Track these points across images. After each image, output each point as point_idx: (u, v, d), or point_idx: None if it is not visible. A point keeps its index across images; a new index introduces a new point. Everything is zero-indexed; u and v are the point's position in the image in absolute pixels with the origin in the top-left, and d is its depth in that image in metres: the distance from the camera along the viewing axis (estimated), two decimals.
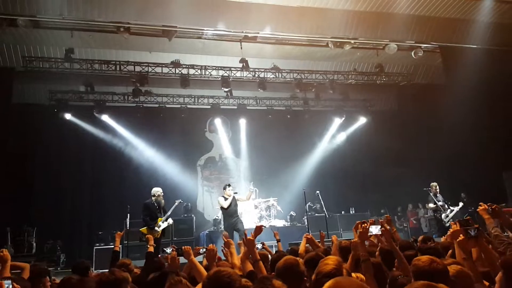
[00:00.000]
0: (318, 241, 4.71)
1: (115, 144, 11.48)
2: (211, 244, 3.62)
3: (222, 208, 8.21)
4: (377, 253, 3.51)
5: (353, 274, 2.41)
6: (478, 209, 3.39)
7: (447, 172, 10.66)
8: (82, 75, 10.54)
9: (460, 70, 10.21)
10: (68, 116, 11.07)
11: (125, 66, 10.45)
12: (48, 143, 10.79)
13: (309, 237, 4.51)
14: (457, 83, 10.11)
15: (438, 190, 8.70)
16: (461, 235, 2.85)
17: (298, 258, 2.59)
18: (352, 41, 10.24)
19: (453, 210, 8.49)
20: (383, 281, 2.59)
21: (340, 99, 12.96)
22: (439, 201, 8.53)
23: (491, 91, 9.49)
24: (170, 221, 7.82)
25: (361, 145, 12.92)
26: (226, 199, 8.15)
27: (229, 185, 8.40)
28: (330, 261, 2.12)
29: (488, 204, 3.36)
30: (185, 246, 3.56)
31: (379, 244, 4.13)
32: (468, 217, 3.23)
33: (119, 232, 5.01)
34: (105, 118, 11.35)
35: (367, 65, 12.15)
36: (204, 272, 3.03)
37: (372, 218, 4.96)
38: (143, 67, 10.50)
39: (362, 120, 13.16)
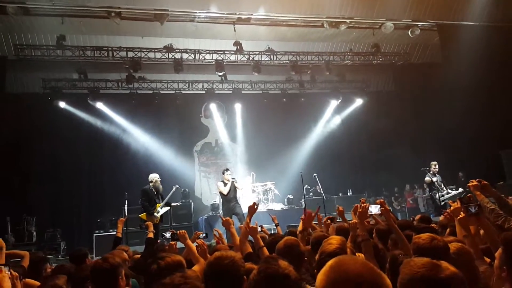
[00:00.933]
0: (316, 223, 4.74)
1: (111, 131, 11.46)
2: (200, 240, 3.61)
3: (221, 193, 8.25)
4: (373, 233, 3.53)
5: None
6: (468, 184, 3.38)
7: (445, 151, 10.60)
8: (74, 62, 10.42)
9: (458, 48, 10.05)
10: (62, 104, 11.01)
11: (117, 52, 10.31)
12: (43, 132, 10.75)
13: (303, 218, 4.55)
14: (455, 62, 9.96)
15: (437, 169, 8.60)
16: (461, 212, 2.84)
17: (298, 239, 2.64)
18: (348, 21, 10.06)
19: (450, 193, 8.41)
20: (381, 260, 2.60)
21: (336, 80, 12.82)
22: (436, 180, 8.50)
23: (489, 69, 9.36)
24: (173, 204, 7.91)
25: (358, 126, 12.86)
26: (225, 184, 8.16)
27: (227, 170, 8.43)
28: (334, 240, 2.13)
29: (477, 179, 3.35)
30: (180, 230, 3.60)
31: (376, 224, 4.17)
32: (469, 194, 3.22)
33: (121, 219, 4.97)
34: (99, 105, 11.28)
35: (363, 45, 11.97)
36: (198, 255, 3.09)
37: (363, 198, 4.99)
38: (136, 52, 10.36)
39: (358, 102, 13.05)
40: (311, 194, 11.05)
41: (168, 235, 5.22)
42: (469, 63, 9.29)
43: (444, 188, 8.48)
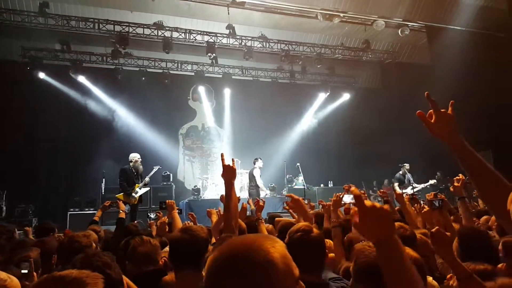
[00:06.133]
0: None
1: (92, 106, 11.03)
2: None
3: (257, 179, 9.41)
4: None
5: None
6: (455, 178, 3.48)
7: (425, 151, 10.89)
8: (57, 32, 9.94)
9: (444, 51, 10.33)
10: (42, 75, 10.52)
11: (104, 25, 9.90)
12: (21, 103, 10.20)
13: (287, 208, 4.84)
14: (440, 64, 10.24)
15: (408, 170, 9.67)
16: (426, 206, 2.99)
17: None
18: (341, 15, 10.15)
19: (420, 186, 9.24)
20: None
21: (326, 73, 12.91)
22: (407, 179, 9.48)
23: (473, 74, 9.61)
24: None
25: (344, 120, 13.03)
26: None
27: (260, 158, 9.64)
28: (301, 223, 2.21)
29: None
30: (169, 200, 3.80)
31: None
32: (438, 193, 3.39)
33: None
34: (81, 79, 10.82)
35: (355, 40, 12.08)
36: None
37: (345, 185, 5.24)
38: (124, 27, 9.98)
39: (346, 96, 13.21)
40: (293, 183, 11.12)
41: (153, 216, 5.17)
42: (454, 67, 9.54)
43: (413, 185, 9.52)
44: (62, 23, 9.66)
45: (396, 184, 9.64)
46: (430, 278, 1.85)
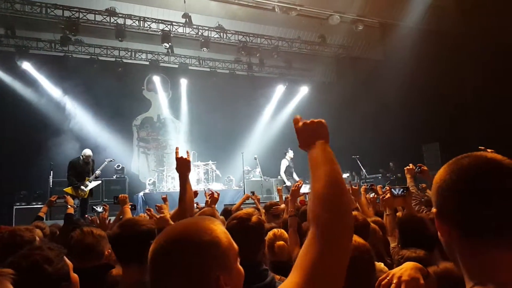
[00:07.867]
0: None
1: (39, 96, 10.46)
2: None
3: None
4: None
5: (275, 230, 2.67)
6: (405, 168, 3.66)
7: (379, 142, 11.33)
8: (0, 15, 9.31)
9: (396, 46, 10.72)
10: None
11: (52, 9, 9.42)
12: None
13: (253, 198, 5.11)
14: (393, 59, 10.64)
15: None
16: (388, 194, 3.19)
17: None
18: (298, 8, 10.25)
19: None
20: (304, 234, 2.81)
21: (283, 66, 13.02)
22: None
23: (423, 69, 9.99)
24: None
25: (300, 113, 13.13)
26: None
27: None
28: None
29: (418, 164, 3.66)
30: (122, 195, 3.93)
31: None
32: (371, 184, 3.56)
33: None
34: (27, 66, 10.22)
35: (311, 34, 12.25)
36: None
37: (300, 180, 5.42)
38: (73, 12, 9.54)
39: (304, 90, 13.41)
40: (251, 175, 11.19)
41: (100, 209, 5.06)
42: (407, 62, 9.92)
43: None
44: (6, 6, 9.14)
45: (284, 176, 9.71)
46: (381, 264, 1.89)
